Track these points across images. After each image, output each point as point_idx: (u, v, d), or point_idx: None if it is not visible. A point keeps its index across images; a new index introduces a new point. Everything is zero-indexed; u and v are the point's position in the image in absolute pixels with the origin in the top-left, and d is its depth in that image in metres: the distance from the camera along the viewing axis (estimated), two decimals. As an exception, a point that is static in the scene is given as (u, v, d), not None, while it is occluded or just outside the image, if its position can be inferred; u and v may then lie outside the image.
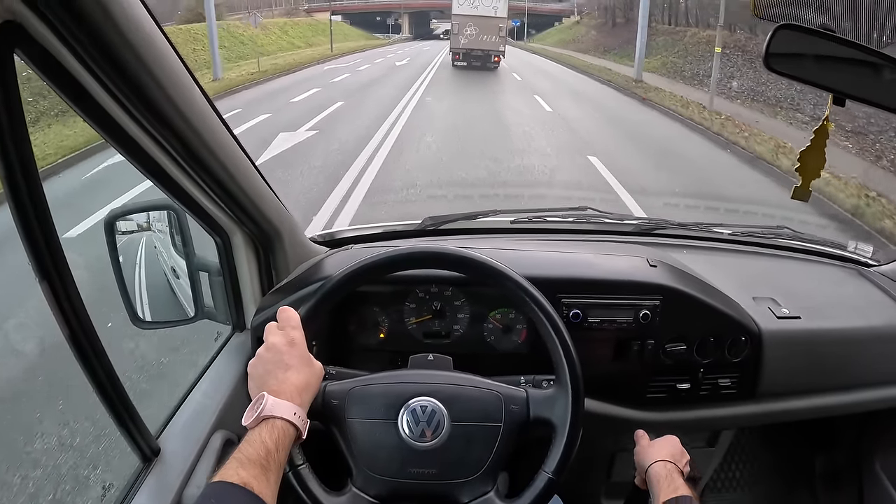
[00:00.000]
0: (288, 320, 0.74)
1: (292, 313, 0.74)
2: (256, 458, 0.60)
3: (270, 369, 0.69)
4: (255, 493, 0.56)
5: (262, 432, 0.63)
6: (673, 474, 0.79)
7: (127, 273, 0.96)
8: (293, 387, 0.68)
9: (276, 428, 0.63)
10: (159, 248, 1.13)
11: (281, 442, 0.63)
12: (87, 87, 0.56)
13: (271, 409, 0.64)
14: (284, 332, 0.72)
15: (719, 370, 1.02)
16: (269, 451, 0.61)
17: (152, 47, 0.57)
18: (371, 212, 4.35)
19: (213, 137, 0.70)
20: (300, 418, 0.66)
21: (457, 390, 0.76)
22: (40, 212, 0.54)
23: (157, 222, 1.06)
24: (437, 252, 0.81)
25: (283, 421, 0.64)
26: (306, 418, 0.68)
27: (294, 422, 0.65)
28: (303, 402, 0.68)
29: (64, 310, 0.58)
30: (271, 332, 0.73)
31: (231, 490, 0.56)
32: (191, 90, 0.65)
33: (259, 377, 0.69)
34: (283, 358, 0.69)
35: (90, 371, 0.64)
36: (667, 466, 0.80)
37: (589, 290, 0.95)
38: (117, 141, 0.63)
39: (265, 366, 0.70)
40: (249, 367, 0.71)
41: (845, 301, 1.16)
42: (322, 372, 0.74)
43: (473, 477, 0.73)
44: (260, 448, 0.61)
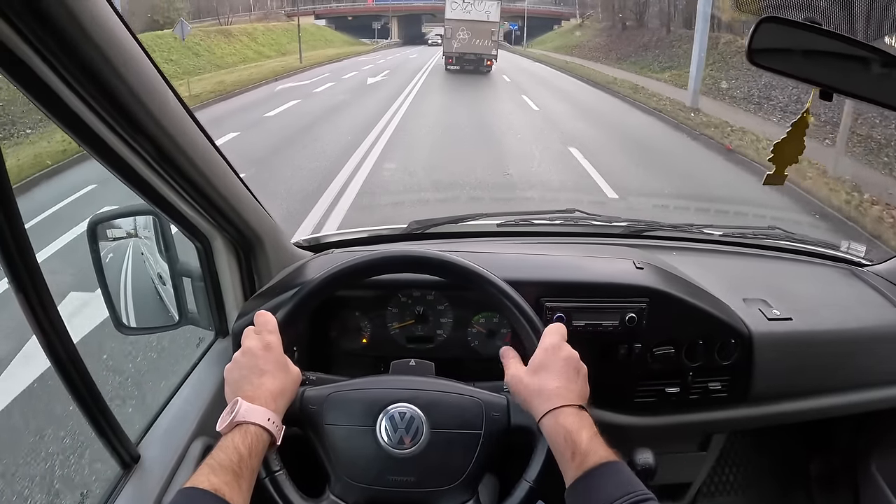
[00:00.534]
0: (265, 324, 0.73)
1: (269, 317, 0.74)
2: (228, 463, 0.59)
3: (245, 374, 0.68)
4: (227, 499, 0.55)
5: (234, 438, 0.62)
6: (580, 431, 0.62)
7: (112, 279, 0.96)
8: (268, 392, 0.67)
9: (250, 433, 0.63)
10: (146, 255, 1.13)
11: (254, 448, 0.62)
12: (57, 92, 0.55)
13: (245, 414, 0.64)
14: (261, 336, 0.72)
15: (709, 373, 1.00)
16: (241, 456, 0.60)
17: (121, 50, 0.56)
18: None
19: (188, 142, 0.69)
20: (274, 424, 0.65)
21: (436, 396, 0.74)
22: (12, 219, 0.53)
23: (143, 228, 1.06)
24: (414, 256, 0.80)
25: (256, 426, 0.63)
26: (281, 424, 0.67)
27: (268, 427, 0.64)
28: (277, 407, 0.67)
29: (39, 318, 0.58)
30: (248, 336, 0.72)
31: (201, 496, 0.55)
32: (164, 94, 0.64)
33: (234, 382, 0.69)
34: (259, 363, 0.69)
35: (67, 379, 0.64)
36: (557, 422, 0.64)
37: (573, 293, 0.94)
38: (92, 147, 0.63)
39: (240, 371, 0.69)
40: (226, 371, 0.71)
41: (838, 301, 1.14)
42: (299, 377, 0.73)
43: (453, 485, 0.71)
44: (232, 454, 0.60)
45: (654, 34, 20.23)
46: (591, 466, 0.60)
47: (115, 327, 0.96)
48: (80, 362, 0.65)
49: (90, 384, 0.67)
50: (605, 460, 0.60)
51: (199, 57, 18.51)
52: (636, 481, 0.59)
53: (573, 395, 0.67)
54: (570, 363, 0.70)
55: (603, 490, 0.58)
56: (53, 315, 0.60)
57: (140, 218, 1.05)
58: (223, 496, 0.55)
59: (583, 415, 0.65)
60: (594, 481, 0.59)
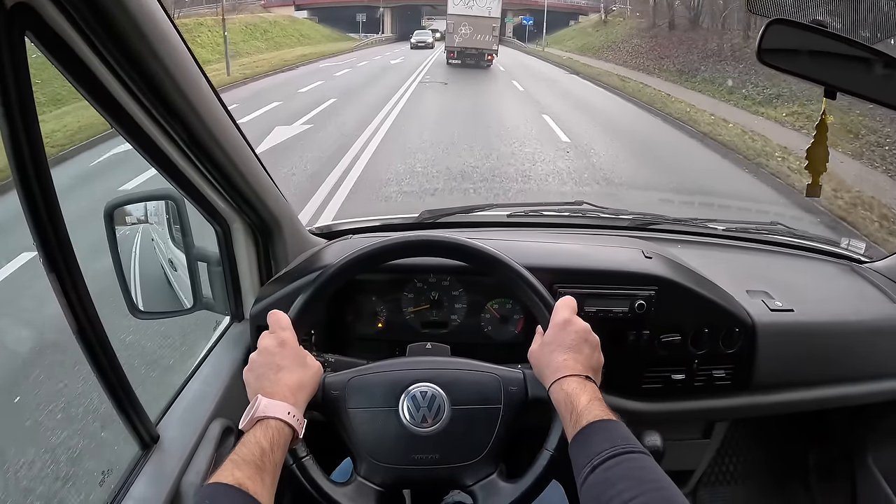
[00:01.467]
0: (277, 322, 0.74)
1: (281, 315, 0.75)
2: (251, 458, 0.60)
3: (263, 372, 0.70)
4: (250, 493, 0.57)
5: (256, 433, 0.63)
6: (579, 395, 0.65)
7: (124, 264, 0.97)
8: (286, 387, 0.68)
9: (271, 428, 0.64)
10: (157, 241, 1.13)
11: (276, 442, 0.63)
12: (95, 73, 0.57)
13: (264, 410, 0.65)
14: (275, 334, 0.73)
15: (714, 361, 1.03)
16: (263, 451, 0.61)
17: (161, 35, 0.58)
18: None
19: (217, 126, 0.71)
20: (295, 417, 0.67)
21: (455, 374, 0.76)
22: (49, 200, 0.54)
23: (154, 215, 1.07)
24: (433, 240, 0.82)
25: (277, 421, 0.65)
26: (302, 418, 0.68)
27: (288, 421, 0.66)
28: (297, 401, 0.68)
29: (70, 298, 0.59)
30: (263, 336, 0.74)
31: (226, 491, 0.56)
32: (197, 78, 0.66)
33: (253, 381, 0.70)
34: (275, 359, 0.70)
35: (93, 357, 0.65)
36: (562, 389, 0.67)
37: (585, 280, 0.96)
38: (123, 127, 0.64)
39: (258, 370, 0.70)
40: (244, 373, 0.72)
41: (838, 295, 1.18)
42: (320, 370, 0.75)
43: (476, 459, 0.73)
44: (254, 448, 0.61)
45: (723, 39, 13.91)
46: (585, 424, 0.63)
47: (130, 311, 0.97)
48: (107, 341, 0.66)
49: (115, 363, 0.68)
50: (599, 418, 0.63)
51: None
52: (627, 437, 0.62)
53: (580, 366, 0.70)
54: (580, 335, 0.73)
55: (593, 444, 0.61)
56: (83, 294, 0.61)
57: (151, 204, 1.06)
58: (247, 490, 0.57)
59: (586, 383, 0.68)
60: (587, 437, 0.62)
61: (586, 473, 0.58)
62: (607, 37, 23.25)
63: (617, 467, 0.57)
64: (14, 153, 0.51)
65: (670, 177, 6.19)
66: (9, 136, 0.50)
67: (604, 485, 0.56)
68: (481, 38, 17.31)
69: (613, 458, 0.58)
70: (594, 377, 0.70)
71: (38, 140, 0.52)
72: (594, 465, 0.58)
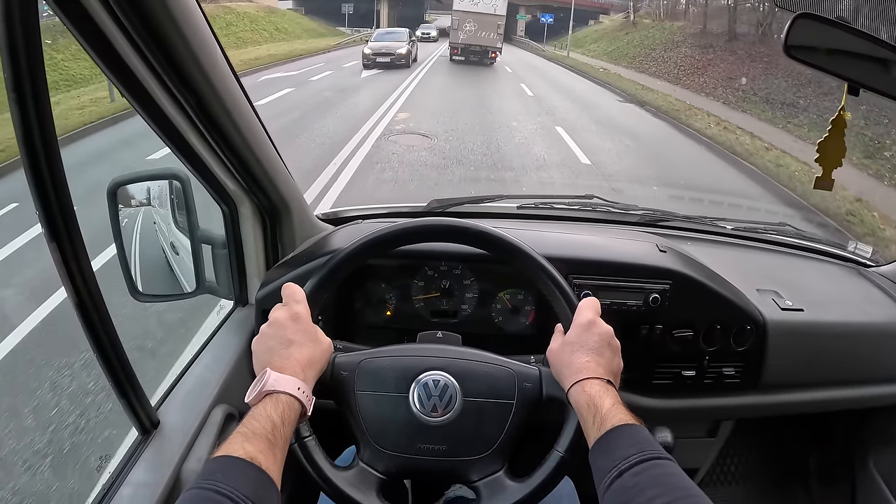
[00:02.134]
0: (292, 295, 0.72)
1: (296, 288, 0.73)
2: (262, 432, 0.58)
3: (273, 345, 0.67)
4: (262, 467, 0.54)
5: (266, 406, 0.61)
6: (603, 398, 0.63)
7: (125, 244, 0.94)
8: (296, 362, 0.66)
9: (281, 402, 0.62)
10: (158, 223, 1.10)
11: (286, 416, 0.61)
12: (110, 38, 0.55)
13: (274, 383, 0.62)
14: (288, 307, 0.70)
15: (724, 359, 1.02)
16: (274, 425, 0.59)
17: (182, 4, 0.56)
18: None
19: (233, 103, 0.69)
20: (304, 393, 0.64)
21: (469, 365, 0.74)
22: (55, 171, 0.52)
23: (156, 197, 1.04)
24: (458, 226, 0.80)
25: (287, 395, 0.62)
26: (311, 395, 0.66)
27: (298, 396, 0.63)
28: (307, 377, 0.66)
29: (72, 275, 0.57)
30: (275, 308, 0.71)
31: (237, 464, 0.54)
32: (215, 53, 0.64)
33: (262, 353, 0.68)
34: (286, 333, 0.68)
35: (94, 338, 0.62)
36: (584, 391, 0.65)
37: (600, 271, 0.95)
38: (136, 99, 0.62)
39: (268, 342, 0.68)
40: (253, 343, 0.69)
41: (845, 297, 1.17)
42: (330, 348, 0.72)
43: (484, 455, 0.71)
44: (265, 422, 0.59)
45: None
46: (609, 428, 0.61)
47: (130, 293, 0.94)
48: (109, 319, 0.63)
49: (116, 342, 0.65)
50: (623, 423, 0.61)
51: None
52: (652, 442, 0.60)
53: (602, 369, 0.68)
54: (603, 339, 0.71)
55: (618, 449, 0.59)
56: (87, 271, 0.58)
57: (154, 185, 1.03)
58: (258, 464, 0.54)
59: (608, 387, 0.66)
60: (611, 442, 0.60)
61: (613, 477, 0.56)
62: (642, 42, 18.95)
63: (645, 473, 0.55)
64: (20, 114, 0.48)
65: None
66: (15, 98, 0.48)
67: (633, 490, 0.54)
68: (486, 36, 17.10)
69: (641, 464, 0.56)
70: (614, 382, 0.68)
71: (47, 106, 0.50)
72: (622, 470, 0.56)
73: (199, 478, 0.53)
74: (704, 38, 15.16)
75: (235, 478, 0.52)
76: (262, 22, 22.12)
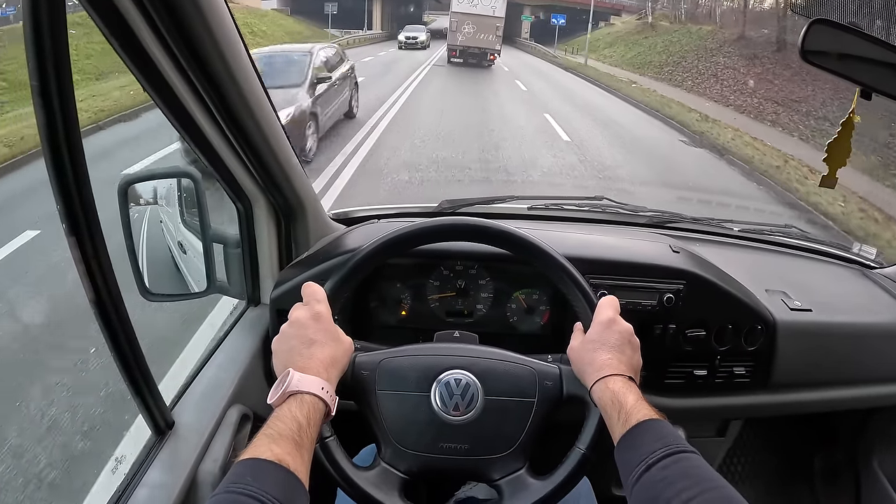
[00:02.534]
0: (312, 294, 0.71)
1: (316, 288, 0.72)
2: (289, 433, 0.57)
3: (294, 345, 0.66)
4: (290, 469, 0.53)
5: (291, 407, 0.60)
6: (626, 394, 0.64)
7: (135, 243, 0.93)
8: (319, 362, 0.65)
9: (306, 403, 0.61)
10: (166, 222, 1.09)
11: (312, 417, 0.60)
12: (138, 35, 0.54)
13: (298, 384, 0.62)
14: (309, 306, 0.69)
15: (735, 358, 1.03)
16: (300, 426, 0.58)
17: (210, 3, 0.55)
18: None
19: (256, 102, 0.69)
20: (328, 393, 0.63)
21: (490, 364, 0.74)
22: (77, 166, 0.51)
23: (163, 197, 1.03)
24: (479, 225, 0.79)
25: (311, 396, 0.61)
26: (335, 394, 0.65)
27: (322, 396, 0.62)
28: (330, 377, 0.65)
29: (92, 272, 0.56)
30: (295, 307, 0.71)
31: (266, 467, 0.53)
32: (240, 51, 0.63)
33: (283, 353, 0.67)
34: (308, 333, 0.67)
35: (112, 337, 0.62)
36: (607, 388, 0.65)
37: (615, 271, 0.95)
38: (159, 94, 0.61)
39: (289, 341, 0.67)
40: (273, 343, 0.68)
41: (853, 298, 1.18)
42: (351, 347, 0.72)
43: (505, 453, 0.71)
44: (291, 423, 0.58)
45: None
46: (634, 423, 0.61)
47: (140, 293, 0.93)
48: (127, 317, 0.62)
49: (133, 341, 0.64)
50: (648, 418, 0.62)
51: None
52: (677, 436, 0.60)
53: (623, 366, 0.68)
54: (623, 336, 0.71)
55: (644, 444, 0.59)
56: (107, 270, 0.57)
57: (161, 185, 1.02)
58: (287, 466, 0.53)
59: (630, 383, 0.67)
60: (637, 437, 0.61)
61: (641, 472, 0.56)
62: (667, 48, 15.85)
63: (674, 466, 0.56)
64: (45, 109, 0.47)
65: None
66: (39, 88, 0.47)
67: (662, 483, 0.54)
68: (484, 38, 16.95)
69: (669, 457, 0.56)
70: (635, 378, 0.69)
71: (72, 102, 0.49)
72: (650, 464, 0.56)
73: (227, 481, 0.52)
74: (745, 47, 12.47)
75: (265, 480, 0.51)
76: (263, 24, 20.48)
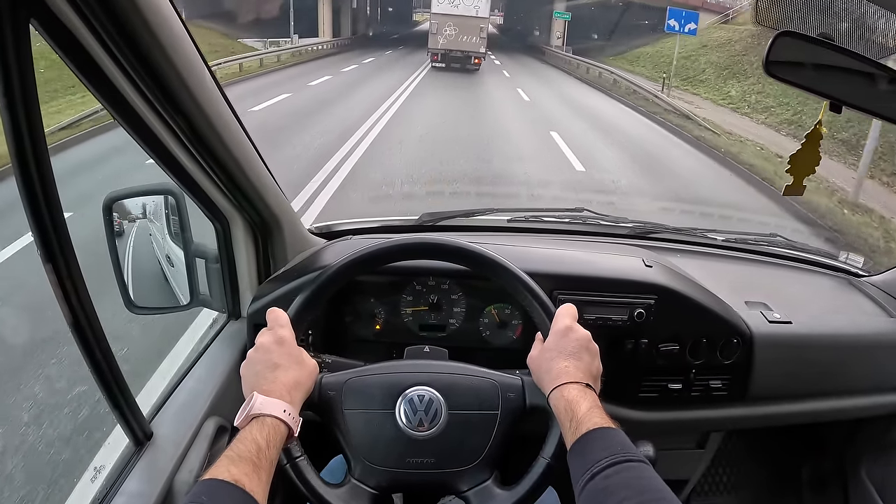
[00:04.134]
0: (276, 320, 0.74)
1: (280, 313, 0.75)
2: (247, 455, 0.59)
3: (259, 370, 0.69)
4: (247, 490, 0.56)
5: (252, 430, 0.63)
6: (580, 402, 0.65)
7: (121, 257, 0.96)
8: (282, 385, 0.68)
9: (267, 425, 0.63)
10: (154, 235, 1.12)
11: (272, 439, 0.63)
12: (100, 63, 0.56)
13: (260, 407, 0.64)
14: (273, 331, 0.72)
15: (711, 371, 1.02)
16: (259, 448, 0.61)
17: (167, 27, 0.57)
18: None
19: (221, 122, 0.70)
20: (290, 416, 0.66)
21: (453, 379, 0.76)
22: (48, 190, 0.54)
23: (152, 210, 1.06)
24: (436, 243, 0.81)
25: (272, 418, 0.64)
26: (297, 416, 0.68)
27: (284, 419, 0.65)
28: (293, 399, 0.68)
29: (66, 291, 0.58)
30: (261, 333, 0.73)
31: (222, 487, 0.55)
32: (202, 73, 0.65)
33: (250, 377, 0.70)
34: (272, 357, 0.70)
35: (89, 354, 0.64)
36: (562, 396, 0.66)
37: (585, 286, 0.96)
38: (126, 120, 0.63)
39: (254, 366, 0.70)
40: (241, 368, 0.71)
41: (836, 309, 1.18)
42: (316, 369, 0.74)
43: (471, 465, 0.73)
44: (251, 445, 0.61)
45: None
46: (584, 431, 0.62)
47: (126, 306, 0.96)
48: (103, 336, 0.65)
49: (110, 358, 0.67)
50: (598, 426, 0.63)
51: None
52: (626, 445, 0.61)
53: (580, 373, 0.70)
54: (580, 343, 0.72)
55: (591, 452, 0.60)
56: (80, 288, 0.60)
57: (150, 200, 1.05)
58: (243, 486, 0.56)
59: (586, 391, 0.68)
60: (585, 445, 0.62)
61: (585, 480, 0.58)
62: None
63: (616, 476, 0.57)
64: (14, 141, 0.50)
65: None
66: (9, 123, 0.49)
67: (603, 493, 0.56)
68: (467, 40, 16.08)
69: (613, 467, 0.57)
70: (594, 385, 0.70)
71: (40, 128, 0.52)
72: (593, 473, 0.58)
73: (186, 500, 0.54)
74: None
75: (220, 500, 0.54)
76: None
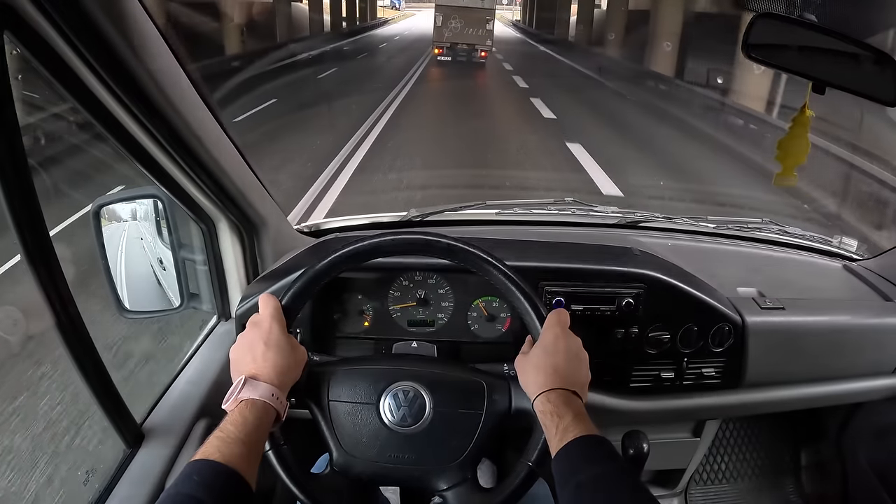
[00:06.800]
0: (267, 305, 0.74)
1: (272, 299, 0.75)
2: (237, 436, 0.60)
3: (249, 353, 0.70)
4: (238, 470, 0.56)
5: (242, 412, 0.63)
6: (566, 410, 0.64)
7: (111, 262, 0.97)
8: (272, 369, 0.68)
9: (256, 408, 0.64)
10: (146, 239, 1.13)
11: (262, 421, 0.63)
12: (76, 72, 0.57)
13: (250, 390, 0.65)
14: (264, 317, 0.73)
15: (703, 359, 1.02)
16: (249, 430, 0.61)
17: (142, 34, 0.58)
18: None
19: (200, 125, 0.71)
20: (279, 400, 0.66)
21: (440, 376, 0.76)
22: (29, 198, 0.54)
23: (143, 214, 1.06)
24: (427, 240, 0.80)
25: (262, 402, 0.65)
26: (285, 401, 0.68)
27: (272, 403, 0.65)
28: (282, 384, 0.68)
29: (51, 297, 0.59)
30: (252, 318, 0.74)
31: (213, 467, 0.56)
32: (179, 77, 0.65)
33: (238, 361, 0.70)
34: (262, 341, 0.70)
35: (76, 357, 0.64)
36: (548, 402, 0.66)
37: (572, 277, 0.96)
38: (105, 125, 0.64)
39: (244, 350, 0.70)
40: (230, 352, 0.72)
41: (829, 294, 1.17)
42: (305, 357, 0.74)
43: (452, 464, 0.72)
44: (241, 427, 0.61)
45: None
46: (569, 440, 0.62)
47: (117, 311, 0.96)
48: (89, 339, 0.66)
49: (98, 362, 0.67)
50: (582, 435, 0.62)
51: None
52: (611, 453, 0.61)
53: (568, 381, 0.69)
54: (570, 351, 0.71)
55: (579, 460, 0.60)
56: (65, 293, 0.60)
57: (141, 203, 1.05)
58: (234, 467, 0.56)
59: (572, 398, 0.67)
60: (570, 453, 0.61)
61: (570, 490, 0.57)
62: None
63: (602, 486, 0.57)
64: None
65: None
66: None
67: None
68: (473, 33, 15.67)
69: (599, 477, 0.57)
70: (580, 393, 0.69)
71: (17, 137, 0.52)
72: (579, 483, 0.57)
73: (176, 481, 0.55)
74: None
75: (211, 480, 0.54)
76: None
